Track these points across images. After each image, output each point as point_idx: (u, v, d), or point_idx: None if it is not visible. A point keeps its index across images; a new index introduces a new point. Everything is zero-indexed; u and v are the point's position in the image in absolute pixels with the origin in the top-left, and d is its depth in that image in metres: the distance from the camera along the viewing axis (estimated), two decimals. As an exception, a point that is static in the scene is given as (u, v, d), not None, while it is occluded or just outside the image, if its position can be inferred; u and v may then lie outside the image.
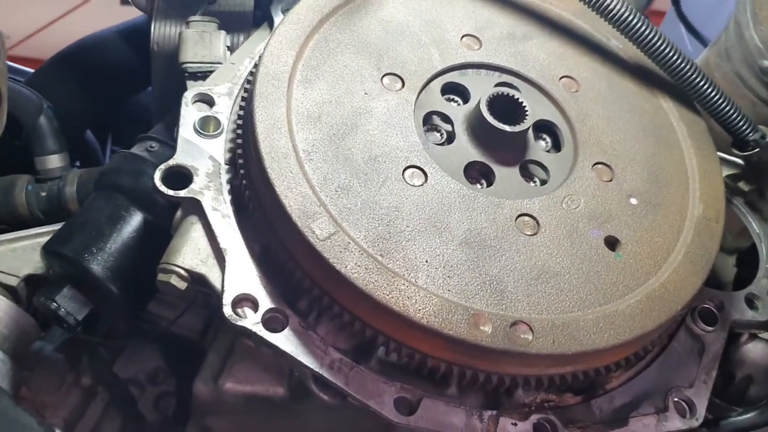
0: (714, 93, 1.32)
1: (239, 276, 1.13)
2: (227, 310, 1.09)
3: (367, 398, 1.08)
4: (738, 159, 1.42)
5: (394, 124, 1.21)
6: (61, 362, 1.53)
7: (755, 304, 1.32)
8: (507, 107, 1.24)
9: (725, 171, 1.44)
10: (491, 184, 1.23)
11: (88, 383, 1.54)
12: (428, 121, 1.28)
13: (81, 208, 1.50)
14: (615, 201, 1.23)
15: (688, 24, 2.31)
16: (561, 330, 1.06)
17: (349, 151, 1.16)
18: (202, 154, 1.24)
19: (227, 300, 1.10)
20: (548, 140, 1.33)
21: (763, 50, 1.52)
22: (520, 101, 1.24)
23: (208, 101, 1.30)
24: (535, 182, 1.27)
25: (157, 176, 1.20)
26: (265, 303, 1.11)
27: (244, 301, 1.12)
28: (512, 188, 1.22)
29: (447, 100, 1.31)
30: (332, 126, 1.18)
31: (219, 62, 1.43)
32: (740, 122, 1.34)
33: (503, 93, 1.24)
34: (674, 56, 1.31)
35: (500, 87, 1.27)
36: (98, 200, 1.45)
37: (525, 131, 1.23)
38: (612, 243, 1.18)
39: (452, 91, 1.32)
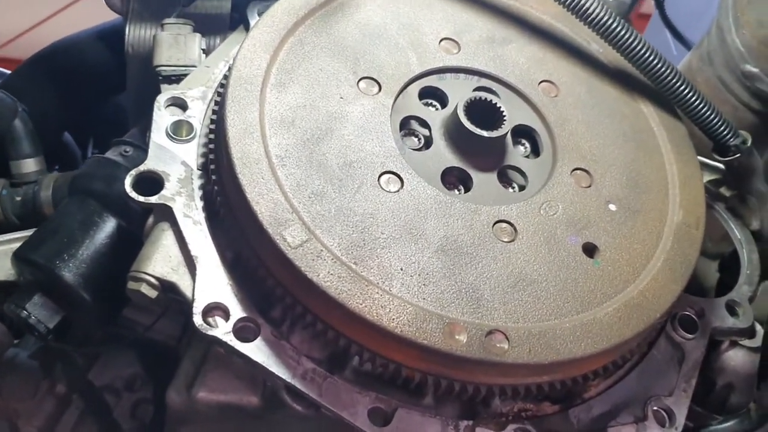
0: (694, 97, 1.31)
1: (210, 284, 1.11)
2: (197, 320, 1.07)
3: (341, 409, 1.06)
4: (719, 164, 1.41)
5: (370, 129, 1.19)
6: (36, 370, 1.51)
7: (736, 311, 1.30)
8: (484, 112, 1.22)
9: (706, 176, 1.43)
10: (469, 190, 1.21)
11: (63, 391, 1.52)
12: (405, 126, 1.26)
13: (53, 214, 1.48)
14: (593, 207, 1.21)
15: (673, 28, 2.30)
16: (537, 339, 1.05)
17: (324, 157, 1.14)
18: (174, 160, 1.21)
19: (198, 309, 1.08)
20: (527, 145, 1.31)
21: (745, 54, 1.51)
22: (498, 106, 1.22)
23: (182, 105, 1.28)
24: (514, 188, 1.25)
25: (128, 182, 1.18)
26: (237, 312, 1.09)
27: (215, 310, 1.09)
28: (490, 194, 1.20)
29: (425, 105, 1.29)
30: (306, 131, 1.16)
31: (194, 65, 1.40)
32: (721, 127, 1.32)
33: (481, 98, 1.22)
34: (654, 60, 1.30)
35: (478, 92, 1.25)
36: (71, 205, 1.42)
37: (503, 137, 1.21)
38: (590, 250, 1.17)
39: (430, 96, 1.30)
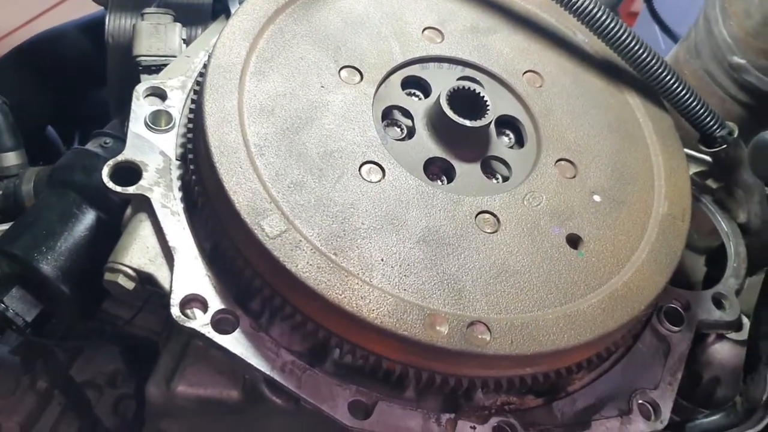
0: (681, 89, 1.30)
1: (188, 276, 1.09)
2: (175, 311, 1.05)
3: (320, 402, 1.04)
4: (706, 156, 1.40)
5: (352, 119, 1.18)
6: (17, 365, 1.49)
7: (723, 304, 1.29)
8: (468, 102, 1.20)
9: (693, 168, 1.42)
10: (452, 181, 1.20)
11: (44, 386, 1.50)
12: (388, 116, 1.25)
13: (32, 206, 1.46)
14: (578, 198, 1.20)
15: (661, 21, 2.29)
16: (520, 330, 1.03)
17: (304, 146, 1.12)
18: (153, 150, 1.19)
19: (175, 301, 1.06)
20: (511, 136, 1.30)
21: (732, 46, 1.51)
22: (481, 96, 1.20)
23: (161, 95, 1.26)
24: (498, 179, 1.24)
25: (105, 172, 1.16)
26: (215, 304, 1.07)
27: (194, 302, 1.07)
28: (473, 185, 1.19)
29: (408, 95, 1.27)
30: (286, 119, 1.14)
31: (174, 55, 1.38)
32: (707, 118, 1.31)
33: (464, 87, 1.20)
34: (640, 50, 1.28)
35: (462, 81, 1.23)
36: (50, 197, 1.40)
37: (486, 126, 1.19)
38: (574, 241, 1.15)
39: (413, 85, 1.28)
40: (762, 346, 1.17)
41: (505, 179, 1.23)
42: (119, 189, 1.15)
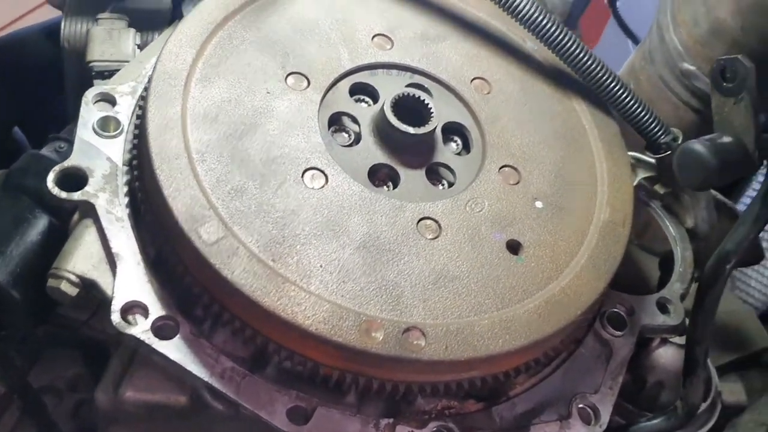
0: (625, 95, 1.31)
1: (130, 282, 1.09)
2: (115, 317, 1.06)
3: (259, 408, 1.05)
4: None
5: (297, 125, 1.18)
6: (-27, 372, 1.48)
7: (667, 308, 1.30)
8: (413, 109, 1.21)
9: (643, 174, 1.43)
10: (397, 187, 1.21)
11: (2, 392, 1.50)
12: (336, 122, 1.25)
13: (-17, 211, 1.45)
14: (520, 204, 1.21)
15: (625, 27, 2.31)
16: (455, 336, 1.04)
17: (246, 152, 1.13)
18: (100, 156, 1.20)
19: (116, 307, 1.07)
20: (459, 142, 1.31)
21: (683, 53, 1.52)
22: (426, 103, 1.22)
23: (110, 100, 1.26)
24: (443, 185, 1.25)
25: (51, 178, 1.17)
26: (156, 310, 1.08)
27: (135, 308, 1.08)
28: (417, 191, 1.20)
29: (356, 101, 1.28)
30: (230, 126, 1.15)
31: (126, 60, 1.39)
32: (652, 125, 1.33)
33: (408, 94, 1.21)
34: (585, 57, 1.30)
35: (408, 88, 1.24)
36: (2, 201, 1.40)
37: (429, 133, 1.20)
38: (514, 247, 1.17)
39: (361, 92, 1.29)
40: (698, 351, 1.19)
41: (451, 185, 1.24)
42: (64, 195, 1.16)
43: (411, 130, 1.19)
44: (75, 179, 1.18)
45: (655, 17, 1.61)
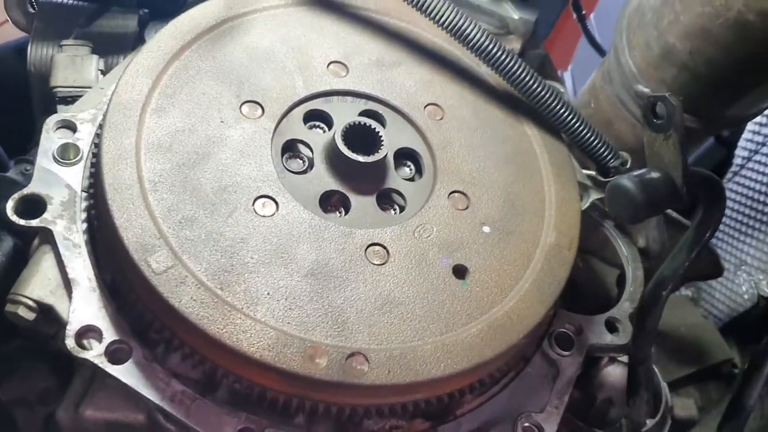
0: (574, 120, 1.34)
1: (85, 307, 1.13)
2: (70, 342, 1.10)
3: (208, 430, 1.08)
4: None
5: (249, 153, 1.22)
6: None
7: (616, 327, 1.33)
8: (363, 137, 1.24)
9: (596, 195, 1.46)
10: (348, 213, 1.24)
11: (-28, 406, 1.52)
12: (290, 149, 1.28)
13: (-47, 231, 1.48)
14: (467, 229, 1.24)
15: (596, 44, 2.34)
16: (398, 360, 1.07)
17: (198, 181, 1.16)
18: (59, 183, 1.23)
19: (71, 332, 1.11)
20: (412, 167, 1.34)
21: (637, 75, 1.56)
22: (377, 131, 1.25)
23: (71, 127, 1.29)
24: (395, 210, 1.28)
25: (10, 205, 1.20)
26: (110, 335, 1.11)
27: (90, 333, 1.12)
28: (367, 217, 1.23)
29: (310, 128, 1.31)
30: (183, 155, 1.18)
31: (89, 86, 1.42)
32: (601, 149, 1.36)
33: (359, 122, 1.25)
34: (533, 83, 1.33)
35: (359, 117, 1.27)
36: (-30, 223, 1.43)
37: (380, 161, 1.23)
38: (460, 271, 1.20)
39: (316, 119, 1.33)
40: (640, 371, 1.22)
41: (402, 209, 1.28)
42: (23, 222, 1.19)
43: (361, 159, 1.22)
44: (34, 206, 1.21)
45: (613, 39, 1.64)
